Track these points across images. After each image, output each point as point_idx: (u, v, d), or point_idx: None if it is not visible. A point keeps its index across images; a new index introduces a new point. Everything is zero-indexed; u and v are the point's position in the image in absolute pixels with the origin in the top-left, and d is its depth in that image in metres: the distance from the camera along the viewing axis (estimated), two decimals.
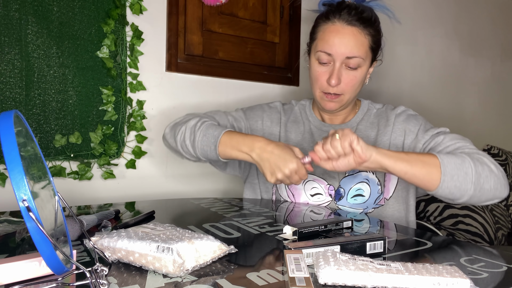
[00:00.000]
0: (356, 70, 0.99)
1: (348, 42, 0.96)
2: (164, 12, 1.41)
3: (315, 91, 1.04)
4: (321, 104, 1.05)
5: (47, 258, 0.41)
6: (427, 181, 0.83)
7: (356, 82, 1.00)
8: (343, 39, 0.96)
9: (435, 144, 0.96)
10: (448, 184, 0.82)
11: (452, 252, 0.67)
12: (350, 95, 1.02)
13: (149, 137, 1.39)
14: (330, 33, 0.98)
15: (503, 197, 0.87)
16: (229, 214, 0.93)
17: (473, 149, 0.91)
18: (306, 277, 0.46)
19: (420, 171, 0.83)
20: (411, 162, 0.83)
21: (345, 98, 1.02)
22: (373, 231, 0.79)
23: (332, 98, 1.01)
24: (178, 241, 0.53)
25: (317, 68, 1.01)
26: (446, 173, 0.81)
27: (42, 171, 0.51)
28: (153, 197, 1.40)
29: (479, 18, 2.47)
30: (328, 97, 1.01)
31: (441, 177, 0.82)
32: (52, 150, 1.21)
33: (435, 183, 0.83)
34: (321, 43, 0.99)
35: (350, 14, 0.97)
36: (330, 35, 0.98)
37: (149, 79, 1.38)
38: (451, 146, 0.93)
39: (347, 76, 0.99)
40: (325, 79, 1.00)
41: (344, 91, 1.00)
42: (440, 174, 0.82)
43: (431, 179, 0.83)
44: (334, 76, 0.97)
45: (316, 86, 1.03)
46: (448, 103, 2.33)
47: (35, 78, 1.18)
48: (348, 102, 1.05)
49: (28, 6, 1.16)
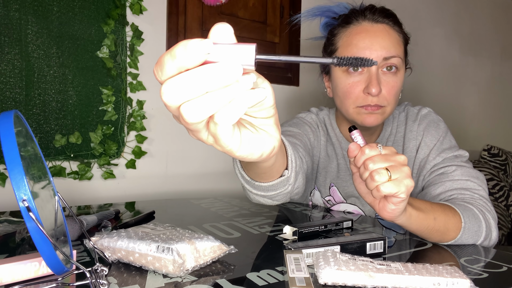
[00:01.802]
0: (395, 74, 0.84)
1: (383, 40, 0.82)
2: (164, 12, 1.41)
3: (347, 108, 0.86)
4: (357, 120, 0.86)
5: (47, 258, 0.41)
6: (436, 241, 0.71)
7: (398, 89, 0.85)
8: (376, 38, 0.82)
9: (443, 173, 0.84)
10: (452, 243, 0.72)
11: (452, 252, 0.67)
12: (392, 106, 0.86)
13: (149, 137, 1.39)
14: (358, 35, 0.83)
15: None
16: (229, 214, 0.93)
17: (482, 196, 0.79)
18: (306, 277, 0.46)
19: (436, 238, 0.69)
20: (434, 228, 0.67)
21: (387, 111, 0.85)
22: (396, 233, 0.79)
23: (373, 110, 0.84)
24: (178, 241, 0.53)
25: (347, 79, 0.84)
26: (458, 240, 0.71)
27: (42, 171, 0.51)
28: (153, 197, 1.40)
29: (479, 18, 2.47)
30: (368, 109, 0.84)
31: (452, 241, 0.71)
32: (52, 150, 1.21)
33: (441, 242, 0.71)
34: (348, 49, 0.84)
35: (375, 13, 0.85)
36: (359, 37, 0.83)
37: (149, 79, 1.38)
38: (460, 183, 0.81)
39: (387, 83, 0.83)
40: (361, 90, 0.83)
41: (387, 102, 0.84)
42: (454, 238, 0.70)
43: (441, 241, 0.71)
44: (374, 83, 0.80)
45: (349, 101, 0.85)
46: (448, 103, 2.33)
47: (35, 78, 1.18)
48: (389, 115, 0.88)
49: (28, 6, 1.16)
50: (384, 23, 0.84)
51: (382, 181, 0.54)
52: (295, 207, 1.03)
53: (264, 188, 0.59)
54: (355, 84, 0.84)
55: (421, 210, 0.65)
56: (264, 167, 0.53)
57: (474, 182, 0.81)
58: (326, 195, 1.01)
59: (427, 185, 0.88)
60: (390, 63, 0.83)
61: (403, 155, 0.57)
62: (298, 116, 1.04)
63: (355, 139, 0.62)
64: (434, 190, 0.83)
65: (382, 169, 0.54)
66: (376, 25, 0.84)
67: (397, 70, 0.84)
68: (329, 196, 1.01)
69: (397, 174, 0.54)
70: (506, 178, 2.27)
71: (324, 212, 0.97)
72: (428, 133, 0.91)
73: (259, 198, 0.64)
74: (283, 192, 0.61)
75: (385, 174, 0.54)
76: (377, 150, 0.56)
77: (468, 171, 0.83)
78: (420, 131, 0.93)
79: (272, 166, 0.53)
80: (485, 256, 0.64)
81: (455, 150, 0.88)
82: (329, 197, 1.01)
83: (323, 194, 1.02)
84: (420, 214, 0.64)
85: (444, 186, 0.82)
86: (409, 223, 0.64)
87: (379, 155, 0.56)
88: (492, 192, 2.10)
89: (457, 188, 0.81)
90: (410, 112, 0.96)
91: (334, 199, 1.01)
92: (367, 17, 0.85)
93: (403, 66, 0.86)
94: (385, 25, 0.84)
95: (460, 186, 0.81)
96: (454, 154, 0.87)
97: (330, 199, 1.01)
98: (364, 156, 0.56)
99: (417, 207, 0.65)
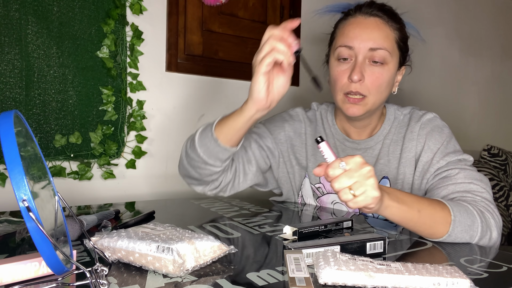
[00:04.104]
0: (382, 66, 0.87)
1: (371, 32, 0.86)
2: (164, 12, 1.41)
3: (336, 94, 0.91)
4: (343, 109, 0.91)
5: (47, 258, 0.41)
6: (427, 235, 0.73)
7: (383, 81, 0.87)
8: (366, 29, 0.86)
9: (446, 176, 0.84)
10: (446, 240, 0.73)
11: (452, 252, 0.67)
12: (376, 97, 0.88)
13: (149, 137, 1.39)
14: (350, 25, 0.89)
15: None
16: (229, 214, 0.93)
17: (485, 198, 0.79)
18: (306, 277, 0.46)
19: (425, 231, 0.72)
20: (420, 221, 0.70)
21: (370, 101, 0.88)
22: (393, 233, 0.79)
23: (355, 102, 0.88)
24: (178, 241, 0.53)
25: (336, 67, 0.90)
26: (451, 234, 0.71)
27: (42, 171, 0.51)
28: (153, 197, 1.40)
29: (479, 18, 2.47)
30: (350, 100, 0.88)
31: (444, 236, 0.72)
32: (52, 150, 1.21)
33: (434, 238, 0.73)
34: (340, 38, 0.89)
35: (371, 7, 0.89)
36: (350, 27, 0.88)
37: (149, 79, 1.38)
38: (463, 186, 0.81)
39: (372, 73, 0.86)
40: (347, 77, 0.87)
41: (368, 91, 0.87)
42: (445, 233, 0.71)
43: (433, 235, 0.72)
44: (356, 70, 0.85)
45: (337, 87, 0.90)
46: (448, 103, 2.33)
47: (35, 78, 1.18)
48: (374, 107, 0.90)
49: (28, 6, 1.16)
50: (378, 17, 0.88)
51: (348, 199, 0.59)
52: (294, 207, 1.03)
53: (217, 153, 0.84)
54: (343, 72, 0.88)
55: (403, 203, 0.68)
56: (240, 126, 0.81)
57: (477, 185, 0.81)
58: (316, 182, 1.03)
59: (430, 188, 0.87)
60: (376, 54, 0.86)
61: (368, 166, 0.59)
62: (287, 111, 1.10)
63: (322, 152, 0.63)
64: (437, 194, 0.83)
65: (346, 188, 0.58)
66: (369, 18, 0.88)
67: (384, 63, 0.87)
68: (319, 183, 1.02)
69: (362, 189, 0.58)
70: (506, 178, 2.27)
71: (323, 212, 0.97)
72: (432, 137, 0.91)
73: (193, 167, 0.90)
74: (220, 167, 0.88)
75: (349, 194, 0.58)
76: (339, 170, 0.59)
77: (471, 174, 0.83)
78: (422, 134, 0.92)
79: (242, 128, 0.81)
80: (485, 256, 0.64)
81: (459, 154, 0.88)
82: (319, 184, 1.02)
83: (313, 180, 1.03)
84: (402, 207, 0.67)
85: (447, 190, 0.82)
86: (390, 214, 0.68)
87: (343, 174, 0.58)
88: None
89: (460, 191, 0.81)
90: (415, 114, 0.97)
91: (325, 186, 1.02)
92: (362, 11, 0.89)
93: (392, 61, 0.88)
94: (378, 18, 0.88)
95: (463, 189, 0.81)
96: (458, 158, 0.87)
97: (320, 186, 1.02)
98: (329, 178, 0.60)
99: (401, 199, 0.68)
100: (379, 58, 0.86)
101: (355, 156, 0.60)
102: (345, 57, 0.88)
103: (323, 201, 1.03)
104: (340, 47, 0.88)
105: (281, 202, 1.11)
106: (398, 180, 0.93)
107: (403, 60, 0.93)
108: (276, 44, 0.70)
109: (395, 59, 0.90)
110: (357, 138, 1.00)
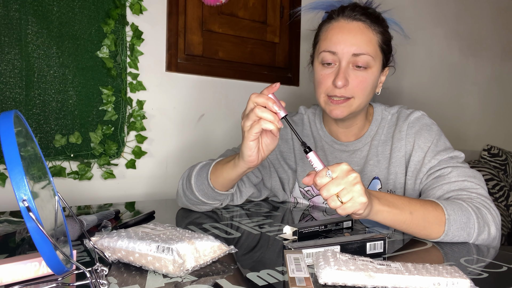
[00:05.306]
0: (365, 70, 0.87)
1: (354, 37, 0.86)
2: (164, 12, 1.41)
3: (319, 96, 0.91)
4: (326, 111, 0.91)
5: (47, 258, 0.41)
6: (423, 236, 0.73)
7: (367, 84, 0.88)
8: (349, 35, 0.86)
9: (440, 176, 0.85)
10: (444, 239, 0.73)
11: (452, 252, 0.67)
12: (361, 100, 0.89)
13: (149, 137, 1.39)
14: (333, 30, 0.88)
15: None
16: (229, 214, 0.93)
17: (481, 194, 0.80)
18: (306, 277, 0.46)
19: (420, 232, 0.72)
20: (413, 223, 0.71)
21: (355, 103, 0.88)
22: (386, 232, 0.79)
23: (339, 103, 0.88)
24: (178, 241, 0.53)
25: (320, 71, 0.90)
26: (448, 233, 0.72)
27: (42, 171, 0.51)
28: (153, 197, 1.40)
29: (479, 18, 2.47)
30: (334, 102, 0.88)
31: (441, 236, 0.72)
32: (52, 150, 1.21)
33: (431, 238, 0.73)
34: (324, 43, 0.89)
35: (354, 10, 0.88)
36: (333, 32, 0.88)
37: (149, 79, 1.38)
38: (457, 184, 0.82)
39: (356, 77, 0.87)
40: (331, 81, 0.87)
41: (353, 94, 0.87)
42: (441, 232, 0.72)
43: (428, 236, 0.73)
44: (341, 75, 0.85)
45: (320, 90, 0.90)
46: (448, 103, 2.33)
47: (35, 78, 1.18)
48: (359, 109, 0.91)
49: (28, 6, 1.16)
50: (360, 21, 0.88)
51: (337, 206, 0.61)
52: (295, 207, 1.04)
53: (215, 196, 0.91)
54: (327, 76, 0.89)
55: (394, 206, 0.69)
56: (233, 178, 0.85)
57: (471, 181, 0.82)
58: (305, 186, 1.04)
59: (425, 189, 0.87)
60: (360, 59, 0.86)
61: (354, 173, 0.61)
62: None
63: (311, 162, 0.66)
64: (433, 194, 0.83)
65: (334, 195, 0.61)
66: (351, 22, 0.88)
67: (368, 67, 0.87)
68: (308, 187, 1.04)
69: (349, 195, 0.60)
70: (506, 178, 2.27)
71: (324, 212, 0.97)
72: (421, 136, 0.91)
73: (193, 204, 0.96)
74: (219, 203, 0.95)
75: (337, 201, 0.61)
76: (327, 178, 0.61)
77: (464, 171, 0.84)
78: (411, 133, 0.93)
79: (235, 179, 0.86)
80: (485, 256, 0.64)
81: (450, 151, 0.88)
82: (308, 187, 1.05)
83: (302, 184, 1.05)
84: (393, 210, 0.69)
85: (442, 190, 0.82)
86: (382, 219, 0.69)
87: (330, 182, 0.61)
88: (492, 192, 2.10)
89: (455, 189, 0.81)
90: (402, 113, 0.97)
91: (313, 190, 1.04)
92: (345, 14, 0.88)
93: (375, 64, 0.89)
94: (361, 23, 0.88)
95: (458, 187, 0.81)
96: (450, 156, 0.87)
97: (309, 189, 1.05)
98: (317, 187, 0.62)
99: (392, 203, 0.69)
100: (362, 63, 0.86)
101: (341, 164, 0.62)
102: (329, 62, 0.88)
103: (315, 201, 1.06)
104: (324, 52, 0.88)
105: (281, 202, 1.11)
106: (390, 180, 0.94)
107: (386, 62, 0.94)
108: (263, 114, 0.71)
109: (378, 62, 0.90)
110: (345, 140, 1.00)
